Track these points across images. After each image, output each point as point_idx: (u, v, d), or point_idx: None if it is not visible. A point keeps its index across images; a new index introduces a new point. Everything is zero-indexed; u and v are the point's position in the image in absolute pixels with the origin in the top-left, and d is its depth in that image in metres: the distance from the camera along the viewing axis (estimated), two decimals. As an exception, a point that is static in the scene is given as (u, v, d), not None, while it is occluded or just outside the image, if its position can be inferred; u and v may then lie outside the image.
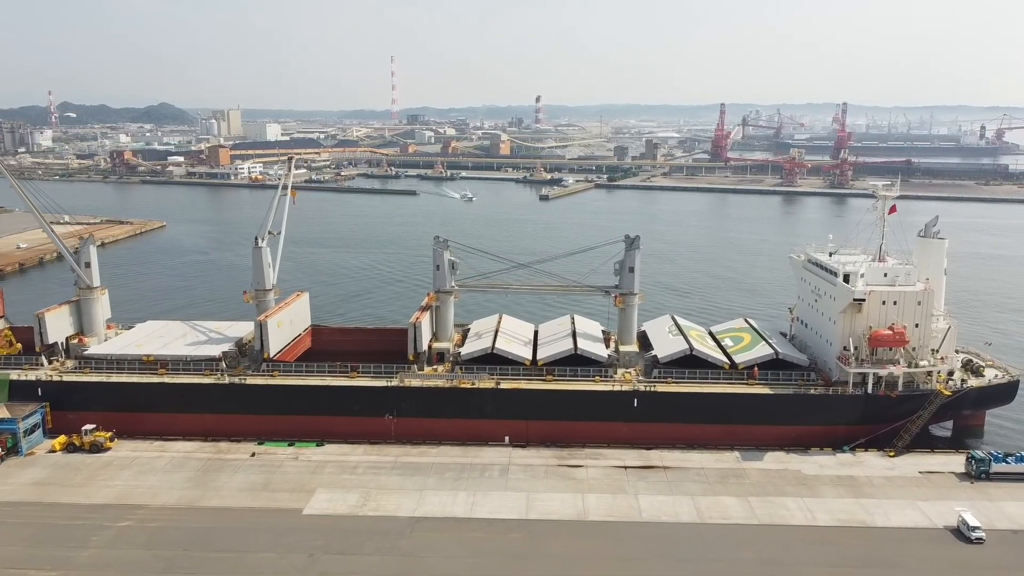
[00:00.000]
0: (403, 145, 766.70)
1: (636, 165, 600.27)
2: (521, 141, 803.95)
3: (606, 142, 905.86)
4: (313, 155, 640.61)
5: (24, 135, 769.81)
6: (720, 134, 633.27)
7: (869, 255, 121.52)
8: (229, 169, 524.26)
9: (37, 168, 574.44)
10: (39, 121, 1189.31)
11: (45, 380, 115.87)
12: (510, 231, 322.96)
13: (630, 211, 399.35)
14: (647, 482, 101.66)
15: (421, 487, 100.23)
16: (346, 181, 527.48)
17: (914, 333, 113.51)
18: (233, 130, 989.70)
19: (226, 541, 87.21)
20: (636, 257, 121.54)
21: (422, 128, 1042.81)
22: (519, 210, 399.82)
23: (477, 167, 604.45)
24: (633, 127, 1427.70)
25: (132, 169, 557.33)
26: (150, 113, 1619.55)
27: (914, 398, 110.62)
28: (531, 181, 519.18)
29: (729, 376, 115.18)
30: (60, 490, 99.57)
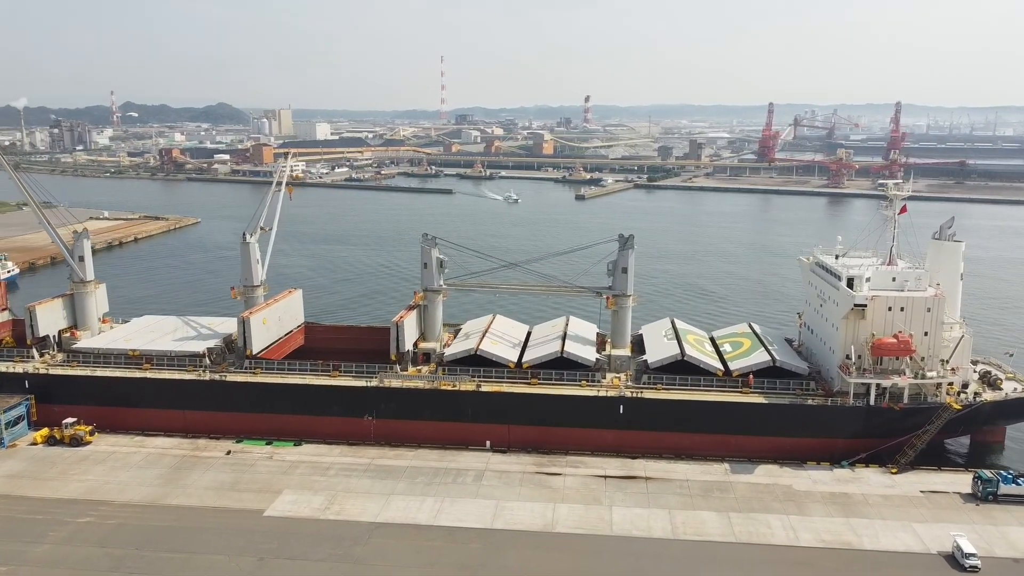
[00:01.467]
0: (447, 144, 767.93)
1: (679, 165, 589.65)
2: (565, 141, 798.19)
3: (653, 142, 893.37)
4: (356, 154, 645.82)
5: (82, 133, 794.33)
6: (767, 134, 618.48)
7: (881, 258, 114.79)
8: (270, 167, 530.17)
9: (90, 165, 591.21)
10: (102, 120, 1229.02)
11: (32, 373, 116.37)
12: (536, 231, 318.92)
13: (665, 211, 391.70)
14: (625, 493, 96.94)
15: (390, 491, 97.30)
16: (385, 180, 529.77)
17: (923, 342, 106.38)
18: (284, 129, 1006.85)
19: (180, 541, 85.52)
20: (630, 257, 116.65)
21: (468, 128, 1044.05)
22: (553, 210, 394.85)
23: (518, 167, 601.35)
24: (684, 128, 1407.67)
25: (179, 167, 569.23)
26: (208, 113, 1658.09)
27: (920, 411, 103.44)
28: (570, 181, 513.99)
29: (723, 383, 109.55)
30: (32, 483, 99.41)
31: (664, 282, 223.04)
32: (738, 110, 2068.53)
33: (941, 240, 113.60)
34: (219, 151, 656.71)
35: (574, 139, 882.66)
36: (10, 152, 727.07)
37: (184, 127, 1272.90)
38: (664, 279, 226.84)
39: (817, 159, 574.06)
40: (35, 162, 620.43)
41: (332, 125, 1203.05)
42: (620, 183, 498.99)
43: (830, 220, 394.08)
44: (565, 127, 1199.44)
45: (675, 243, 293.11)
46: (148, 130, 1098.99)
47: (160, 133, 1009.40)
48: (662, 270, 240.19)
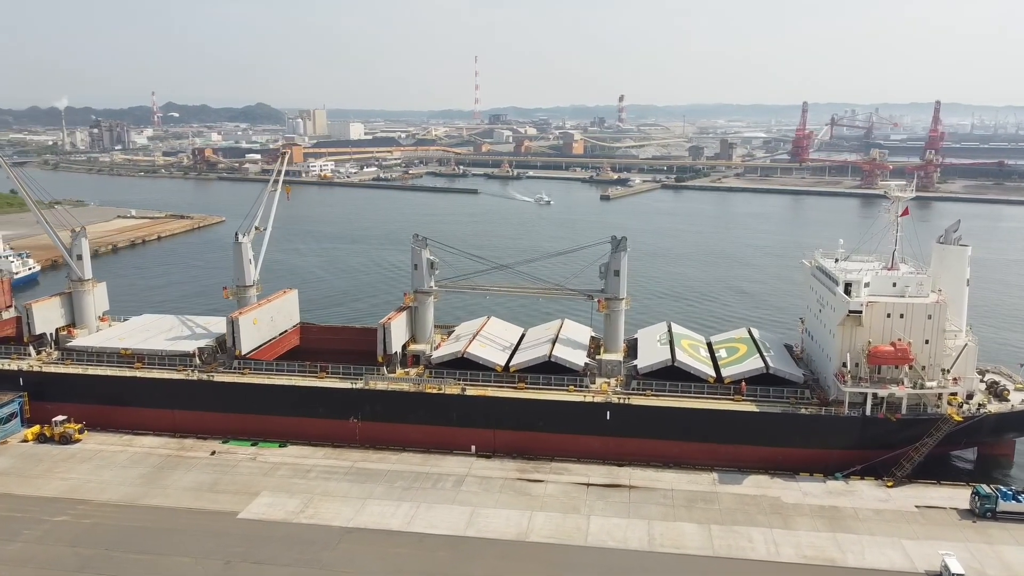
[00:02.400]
0: (478, 144, 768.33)
1: (709, 165, 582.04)
2: (596, 141, 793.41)
3: (686, 142, 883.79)
4: (385, 153, 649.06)
5: (121, 133, 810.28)
6: (801, 134, 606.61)
7: (885, 263, 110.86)
8: (301, 167, 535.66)
9: (125, 165, 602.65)
10: (144, 121, 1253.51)
11: (26, 371, 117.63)
12: (569, 232, 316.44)
13: (690, 212, 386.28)
14: (606, 502, 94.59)
15: (367, 495, 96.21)
16: (413, 179, 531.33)
17: (923, 350, 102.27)
18: (318, 129, 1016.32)
19: (151, 543, 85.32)
20: (622, 260, 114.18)
21: (501, 128, 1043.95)
22: (578, 211, 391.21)
23: (546, 167, 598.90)
24: (719, 127, 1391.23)
25: (211, 166, 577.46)
26: (246, 113, 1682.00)
27: (919, 423, 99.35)
28: (597, 181, 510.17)
29: (714, 390, 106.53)
30: (16, 480, 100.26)
31: (673, 284, 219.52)
32: (777, 109, 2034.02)
33: (946, 244, 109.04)
34: (252, 151, 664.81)
35: (606, 139, 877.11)
36: (52, 151, 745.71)
37: (222, 127, 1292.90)
38: (673, 281, 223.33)
39: (848, 159, 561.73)
40: (74, 161, 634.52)
41: (367, 125, 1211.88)
42: (647, 183, 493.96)
43: (861, 222, 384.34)
44: (599, 127, 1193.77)
45: (692, 244, 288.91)
46: (186, 130, 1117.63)
47: (198, 133, 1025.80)
48: (674, 272, 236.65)
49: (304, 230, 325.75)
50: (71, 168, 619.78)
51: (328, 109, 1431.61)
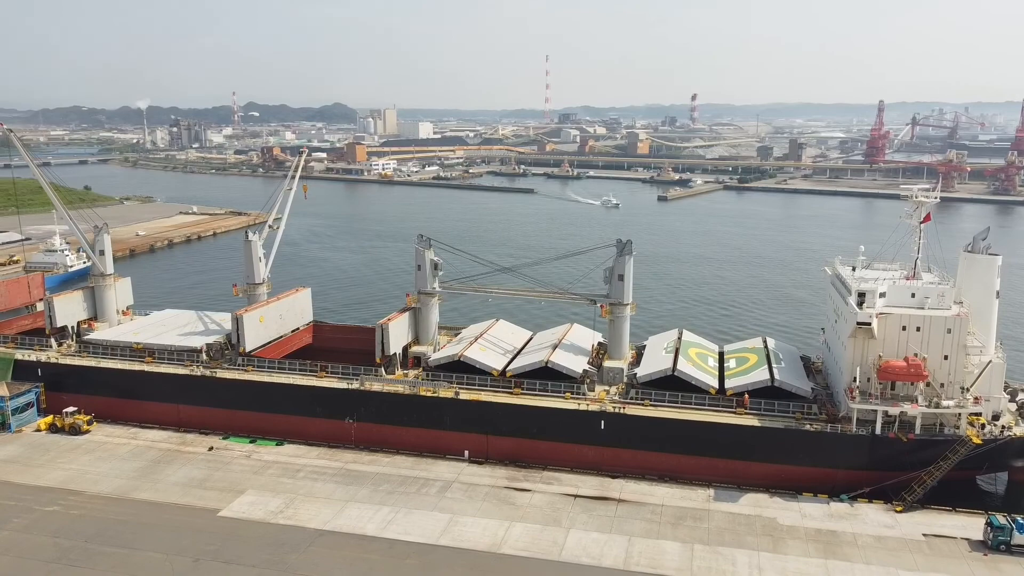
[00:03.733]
0: (543, 144, 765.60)
1: (776, 166, 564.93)
2: (662, 140, 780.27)
3: (758, 142, 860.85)
4: (448, 152, 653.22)
5: (199, 132, 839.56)
6: (876, 134, 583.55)
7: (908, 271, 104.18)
8: (363, 166, 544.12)
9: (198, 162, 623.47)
10: (225, 120, 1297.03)
11: (44, 362, 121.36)
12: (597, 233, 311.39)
13: (748, 214, 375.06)
14: (590, 515, 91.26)
15: (350, 498, 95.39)
16: (472, 178, 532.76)
17: (941, 367, 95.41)
18: (389, 128, 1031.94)
19: (129, 536, 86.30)
20: (627, 264, 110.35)
21: (569, 127, 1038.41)
22: (627, 211, 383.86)
23: (607, 167, 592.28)
24: (797, 127, 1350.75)
25: (279, 164, 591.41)
26: (323, 112, 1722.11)
27: (933, 444, 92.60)
28: (658, 181, 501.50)
29: (716, 402, 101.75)
30: (19, 469, 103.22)
31: (707, 289, 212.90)
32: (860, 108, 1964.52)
33: (974, 253, 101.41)
34: (321, 149, 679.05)
35: (675, 139, 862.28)
36: (135, 150, 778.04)
37: (298, 126, 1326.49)
38: (708, 285, 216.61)
39: (926, 161, 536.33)
40: (152, 159, 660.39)
41: (440, 125, 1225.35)
42: (709, 184, 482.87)
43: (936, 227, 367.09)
44: (670, 126, 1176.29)
45: (739, 247, 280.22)
46: (262, 129, 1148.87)
47: (274, 132, 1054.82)
48: (713, 276, 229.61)
49: (355, 228, 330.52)
50: (149, 165, 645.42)
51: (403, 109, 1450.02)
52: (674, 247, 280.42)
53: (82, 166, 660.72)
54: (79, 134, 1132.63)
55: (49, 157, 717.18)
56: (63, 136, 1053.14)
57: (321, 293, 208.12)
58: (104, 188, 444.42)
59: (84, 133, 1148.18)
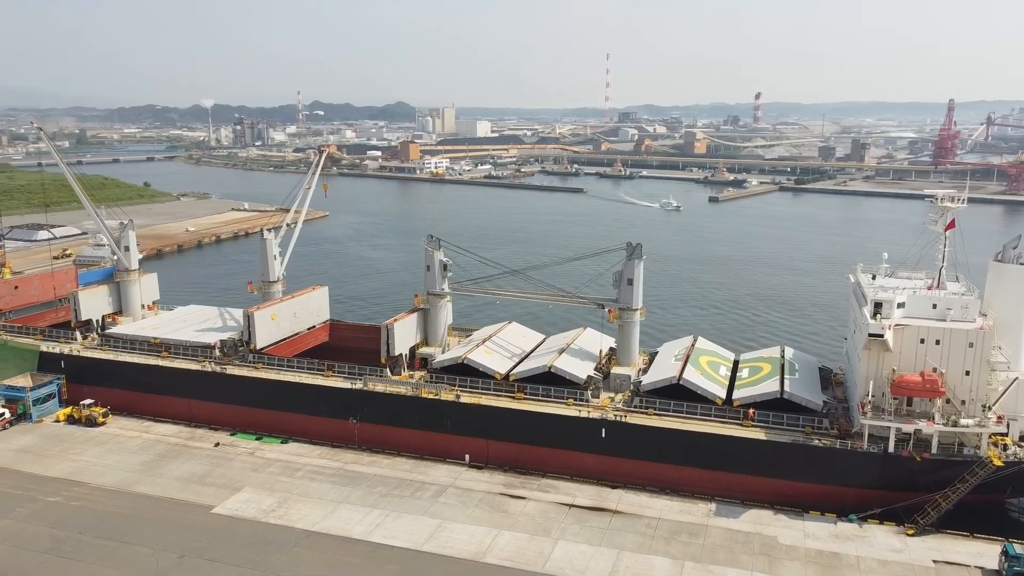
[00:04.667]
0: (599, 143, 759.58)
1: (837, 167, 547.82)
2: (721, 140, 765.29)
3: (822, 142, 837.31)
4: (502, 151, 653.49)
5: (262, 130, 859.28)
6: (945, 134, 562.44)
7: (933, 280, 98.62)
8: (416, 164, 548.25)
9: (258, 160, 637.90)
10: (291, 118, 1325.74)
11: (66, 354, 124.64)
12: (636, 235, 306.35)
13: (801, 216, 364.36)
14: (582, 526, 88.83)
15: (343, 499, 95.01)
16: (524, 178, 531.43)
17: (962, 383, 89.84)
18: (447, 127, 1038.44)
19: (121, 530, 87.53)
20: (637, 268, 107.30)
21: (627, 126, 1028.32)
22: (675, 213, 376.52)
23: (662, 167, 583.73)
24: (866, 126, 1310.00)
25: (335, 162, 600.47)
26: (385, 111, 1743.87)
27: (950, 465, 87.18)
28: (711, 182, 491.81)
29: (722, 413, 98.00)
30: (32, 458, 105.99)
31: (736, 293, 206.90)
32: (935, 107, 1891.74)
33: (1003, 263, 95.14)
34: (375, 147, 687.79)
35: (736, 138, 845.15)
36: (200, 147, 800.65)
37: (361, 125, 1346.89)
38: (738, 290, 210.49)
39: (995, 163, 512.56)
40: (214, 156, 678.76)
41: (500, 123, 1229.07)
42: (765, 185, 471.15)
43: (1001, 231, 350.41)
44: (732, 126, 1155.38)
45: (777, 250, 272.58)
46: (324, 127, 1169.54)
47: (335, 130, 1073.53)
48: (745, 280, 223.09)
49: (400, 226, 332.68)
50: (211, 163, 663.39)
51: (464, 108, 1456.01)
52: (713, 249, 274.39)
53: (149, 163, 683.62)
54: (151, 132, 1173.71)
55: (119, 154, 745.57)
56: (135, 134, 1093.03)
57: (354, 290, 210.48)
58: (164, 185, 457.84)
59: (155, 131, 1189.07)
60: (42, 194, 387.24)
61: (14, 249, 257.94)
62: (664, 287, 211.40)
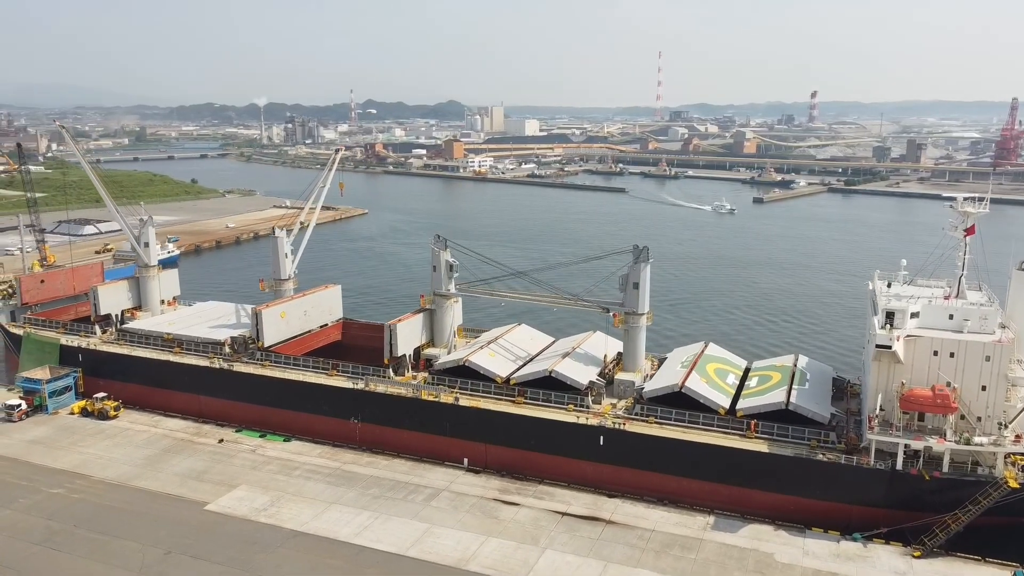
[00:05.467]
0: (646, 142, 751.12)
1: (891, 168, 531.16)
2: (773, 140, 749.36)
3: (878, 142, 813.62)
4: (547, 150, 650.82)
5: (312, 129, 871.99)
6: (1008, 134, 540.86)
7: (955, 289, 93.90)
8: (459, 163, 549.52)
9: (306, 158, 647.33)
10: (343, 117, 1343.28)
11: (83, 348, 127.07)
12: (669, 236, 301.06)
13: (847, 219, 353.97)
14: (572, 536, 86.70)
15: (336, 499, 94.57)
16: (567, 177, 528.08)
17: (978, 398, 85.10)
18: (495, 126, 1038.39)
19: (115, 524, 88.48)
20: (643, 271, 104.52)
21: (678, 125, 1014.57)
22: (728, 216, 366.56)
23: (708, 166, 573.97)
24: (927, 126, 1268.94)
25: (381, 160, 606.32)
26: (437, 110, 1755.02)
27: (963, 485, 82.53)
28: (758, 182, 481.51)
29: (724, 423, 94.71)
30: (41, 450, 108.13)
31: (761, 299, 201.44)
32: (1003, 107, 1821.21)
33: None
34: (424, 146, 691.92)
35: (790, 138, 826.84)
36: (253, 145, 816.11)
37: (412, 123, 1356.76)
38: (764, 295, 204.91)
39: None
40: (265, 154, 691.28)
41: (550, 122, 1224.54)
42: (813, 186, 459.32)
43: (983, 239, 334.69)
44: (787, 125, 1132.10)
45: (812, 253, 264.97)
46: (375, 126, 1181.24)
47: (385, 129, 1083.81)
48: (773, 285, 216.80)
49: (436, 224, 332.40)
50: (261, 160, 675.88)
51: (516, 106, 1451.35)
52: (747, 252, 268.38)
53: (201, 160, 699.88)
54: (208, 130, 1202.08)
55: (174, 152, 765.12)
56: (192, 131, 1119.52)
57: (379, 287, 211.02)
58: (212, 181, 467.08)
59: (212, 129, 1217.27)
60: (92, 191, 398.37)
61: (59, 243, 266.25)
62: (691, 289, 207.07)
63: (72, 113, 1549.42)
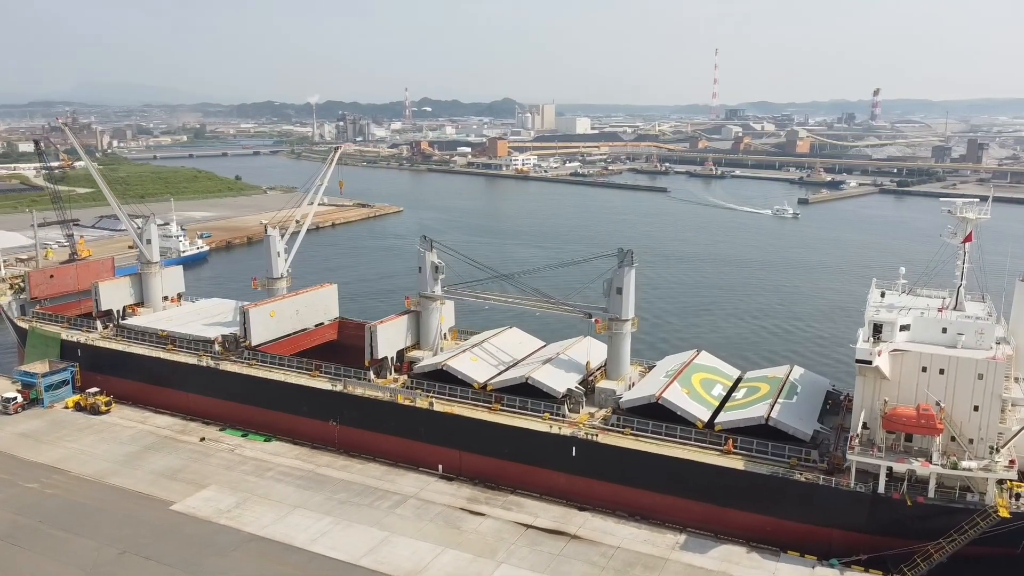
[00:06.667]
0: (696, 140, 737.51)
1: (950, 168, 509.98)
2: (828, 139, 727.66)
3: (941, 141, 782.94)
4: (592, 148, 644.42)
5: (363, 126, 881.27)
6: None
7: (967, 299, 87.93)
8: (502, 161, 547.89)
9: (353, 155, 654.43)
10: (398, 115, 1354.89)
11: (82, 343, 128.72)
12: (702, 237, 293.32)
13: (894, 222, 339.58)
14: (532, 550, 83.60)
15: (301, 503, 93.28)
16: (611, 176, 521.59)
17: (970, 419, 79.05)
18: (546, 123, 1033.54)
19: (78, 521, 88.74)
20: (627, 276, 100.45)
21: (732, 124, 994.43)
22: (791, 222, 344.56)
23: (757, 166, 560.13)
24: (998, 125, 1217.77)
25: (426, 158, 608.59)
26: (492, 108, 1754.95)
27: (948, 512, 76.76)
28: (807, 183, 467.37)
29: (703, 438, 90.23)
30: (28, 443, 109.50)
31: (767, 304, 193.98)
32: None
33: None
34: (470, 143, 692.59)
35: (847, 137, 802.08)
36: (304, 142, 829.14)
37: (466, 121, 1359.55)
38: (768, 301, 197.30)
39: None
40: (314, 151, 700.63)
41: (604, 120, 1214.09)
42: (864, 187, 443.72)
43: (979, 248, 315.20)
44: (847, 124, 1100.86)
45: (842, 256, 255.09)
46: (423, 124, 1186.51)
47: (437, 126, 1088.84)
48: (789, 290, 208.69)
49: (467, 222, 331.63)
50: (311, 158, 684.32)
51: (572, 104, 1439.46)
52: (774, 255, 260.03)
53: (254, 157, 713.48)
54: (266, 127, 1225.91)
55: (229, 148, 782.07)
56: (249, 129, 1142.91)
57: (395, 286, 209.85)
58: (259, 178, 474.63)
59: (270, 127, 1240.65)
60: (138, 186, 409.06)
61: (97, 238, 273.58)
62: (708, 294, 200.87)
63: (139, 111, 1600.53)
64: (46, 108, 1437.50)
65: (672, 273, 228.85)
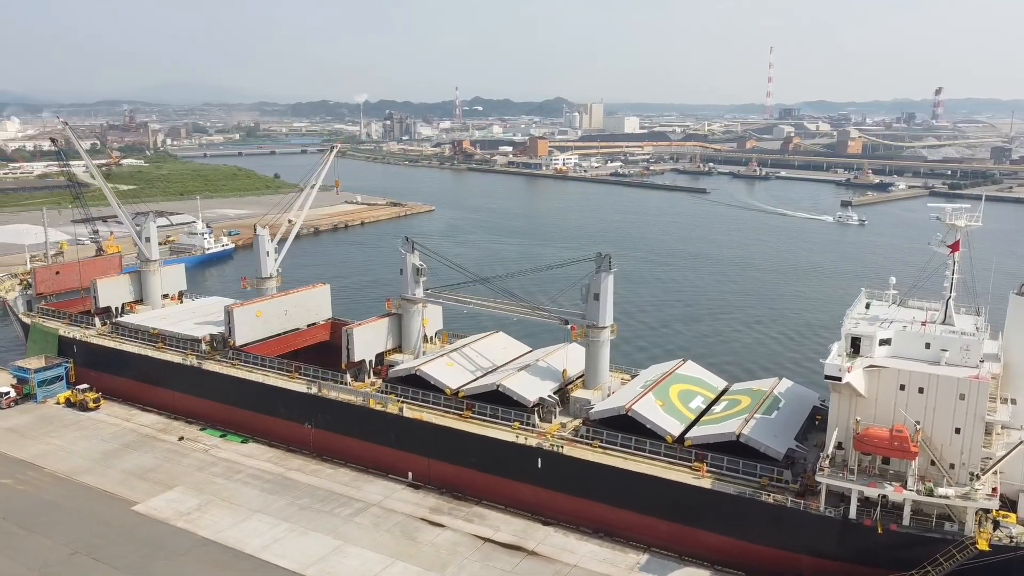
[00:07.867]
0: (744, 140, 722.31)
1: (1009, 171, 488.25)
2: (882, 139, 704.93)
3: (1004, 142, 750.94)
4: (635, 148, 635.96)
5: (409, 125, 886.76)
6: None
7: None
8: (542, 160, 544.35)
9: (396, 154, 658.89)
10: (448, 114, 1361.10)
11: (78, 340, 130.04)
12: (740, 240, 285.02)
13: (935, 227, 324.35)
14: (484, 566, 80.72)
15: (262, 508, 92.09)
16: (652, 176, 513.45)
17: (951, 442, 73.38)
18: (594, 123, 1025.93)
19: (40, 519, 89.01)
20: (605, 282, 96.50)
21: (786, 123, 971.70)
22: (859, 229, 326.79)
23: (804, 167, 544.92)
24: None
25: (468, 157, 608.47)
26: (543, 107, 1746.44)
27: (923, 541, 71.33)
28: (853, 184, 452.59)
29: (672, 453, 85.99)
30: (14, 438, 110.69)
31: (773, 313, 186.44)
32: None
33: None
34: (514, 142, 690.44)
35: (905, 137, 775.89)
36: (351, 141, 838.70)
37: (515, 120, 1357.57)
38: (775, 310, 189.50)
39: None
40: (358, 150, 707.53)
41: (655, 119, 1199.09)
42: (914, 189, 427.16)
43: None
44: (907, 123, 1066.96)
45: (868, 263, 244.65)
46: (472, 123, 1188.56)
47: (485, 126, 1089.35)
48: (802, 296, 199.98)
49: (496, 223, 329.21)
50: (355, 156, 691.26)
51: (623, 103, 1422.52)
52: (796, 259, 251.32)
53: (301, 155, 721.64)
54: (318, 126, 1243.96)
55: (278, 147, 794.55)
56: (301, 127, 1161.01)
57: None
58: (296, 176, 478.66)
59: (322, 125, 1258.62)
60: (179, 183, 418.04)
61: (127, 234, 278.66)
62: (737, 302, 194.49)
63: (199, 110, 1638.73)
64: (110, 107, 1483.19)
65: (738, 284, 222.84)
